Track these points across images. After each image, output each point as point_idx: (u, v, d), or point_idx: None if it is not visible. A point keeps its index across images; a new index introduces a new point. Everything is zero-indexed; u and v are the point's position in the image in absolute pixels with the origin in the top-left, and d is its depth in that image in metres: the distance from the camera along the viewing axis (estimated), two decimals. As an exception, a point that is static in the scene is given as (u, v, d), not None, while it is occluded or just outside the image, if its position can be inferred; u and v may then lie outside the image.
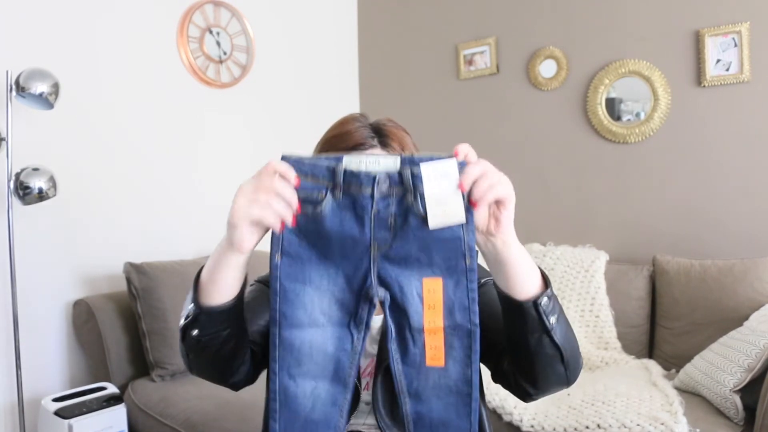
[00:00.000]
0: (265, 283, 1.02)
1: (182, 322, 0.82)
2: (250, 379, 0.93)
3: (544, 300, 0.77)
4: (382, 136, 0.89)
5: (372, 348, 0.95)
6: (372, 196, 0.73)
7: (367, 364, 0.96)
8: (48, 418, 1.80)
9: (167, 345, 2.00)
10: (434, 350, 0.77)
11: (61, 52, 2.05)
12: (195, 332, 0.81)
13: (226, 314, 0.80)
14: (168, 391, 1.94)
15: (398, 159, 0.74)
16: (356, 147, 0.87)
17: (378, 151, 0.88)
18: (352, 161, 0.74)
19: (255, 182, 0.73)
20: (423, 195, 0.73)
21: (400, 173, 0.73)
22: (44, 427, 1.84)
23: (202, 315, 0.79)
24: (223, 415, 1.76)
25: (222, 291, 0.79)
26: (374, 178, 0.73)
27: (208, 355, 0.84)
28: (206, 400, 1.84)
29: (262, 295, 0.98)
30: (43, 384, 2.03)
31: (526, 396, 0.87)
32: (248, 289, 0.99)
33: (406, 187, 0.73)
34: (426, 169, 0.73)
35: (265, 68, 2.76)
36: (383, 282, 0.77)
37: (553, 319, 0.77)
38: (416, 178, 0.73)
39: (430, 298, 0.76)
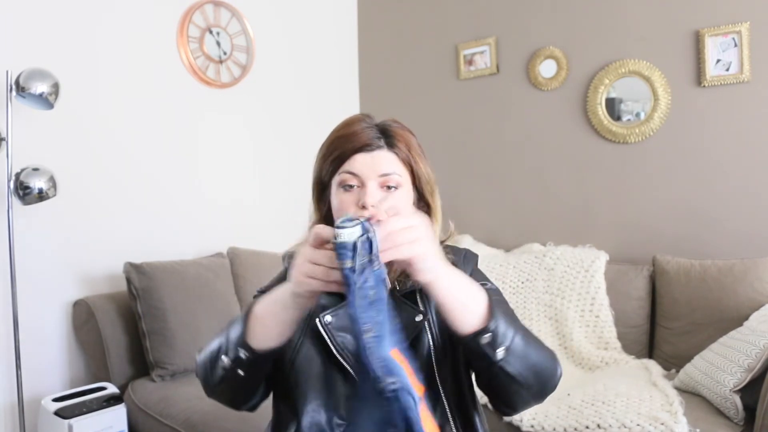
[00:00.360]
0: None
1: (226, 361, 0.82)
2: (264, 398, 0.95)
3: (485, 337, 0.73)
4: (388, 136, 0.89)
5: None
6: (353, 269, 0.68)
7: None
8: (48, 418, 1.80)
9: (167, 345, 2.00)
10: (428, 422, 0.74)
11: (61, 52, 2.05)
12: (242, 372, 0.82)
13: (273, 354, 0.82)
14: (168, 391, 1.94)
15: (362, 226, 0.69)
16: (363, 147, 0.86)
17: (384, 152, 0.87)
18: (336, 231, 0.69)
19: (308, 255, 0.72)
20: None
21: (369, 240, 0.68)
22: (44, 427, 1.84)
23: (254, 358, 0.80)
24: (223, 415, 1.75)
25: (279, 338, 0.80)
26: (354, 246, 0.67)
27: (242, 385, 0.86)
28: (206, 400, 1.79)
29: None
30: (43, 384, 2.03)
31: (502, 413, 0.88)
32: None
33: (374, 254, 0.68)
34: (379, 232, 0.69)
35: (265, 68, 2.76)
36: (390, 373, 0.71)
37: (500, 352, 0.74)
38: (375, 242, 0.69)
39: (405, 367, 0.71)
